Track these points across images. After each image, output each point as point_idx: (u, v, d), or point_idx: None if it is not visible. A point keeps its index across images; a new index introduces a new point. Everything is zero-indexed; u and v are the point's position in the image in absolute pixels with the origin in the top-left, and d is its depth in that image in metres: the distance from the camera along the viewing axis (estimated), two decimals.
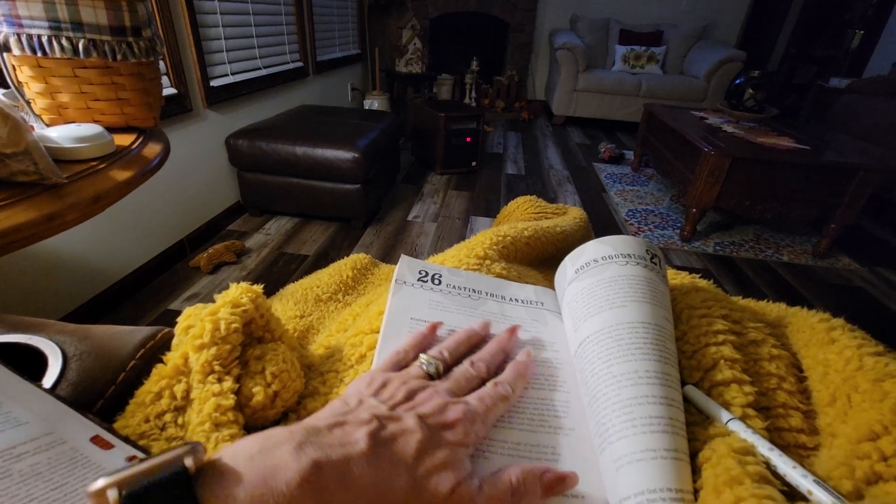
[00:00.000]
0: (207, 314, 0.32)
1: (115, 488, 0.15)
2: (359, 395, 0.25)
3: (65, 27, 0.62)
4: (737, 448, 0.23)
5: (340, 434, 0.20)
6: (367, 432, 0.21)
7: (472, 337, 0.31)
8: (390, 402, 0.24)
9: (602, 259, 0.34)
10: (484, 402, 0.25)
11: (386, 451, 0.20)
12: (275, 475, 0.17)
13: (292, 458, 0.18)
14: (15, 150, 0.48)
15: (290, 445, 0.19)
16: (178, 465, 0.16)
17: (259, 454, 0.18)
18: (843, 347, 0.29)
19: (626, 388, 0.26)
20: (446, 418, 0.23)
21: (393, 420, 0.22)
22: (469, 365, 0.28)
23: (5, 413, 0.21)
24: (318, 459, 0.18)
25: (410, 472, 0.20)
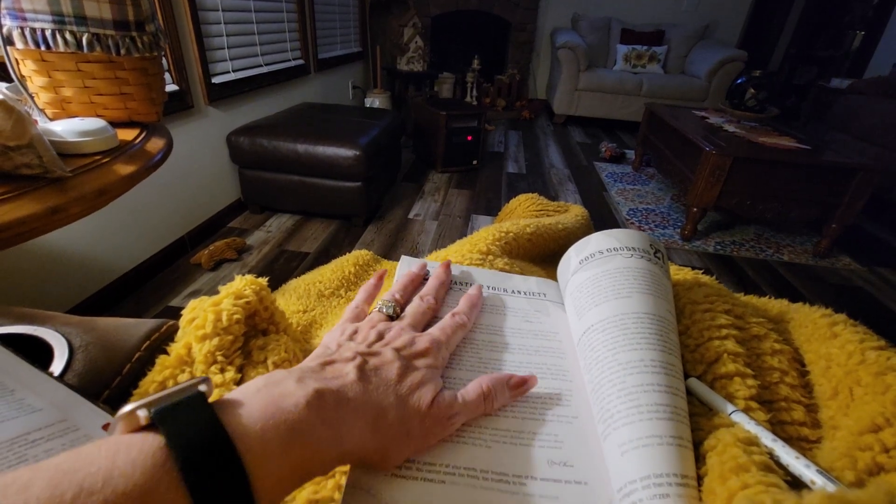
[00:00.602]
0: (210, 305, 0.32)
1: (144, 409, 0.17)
2: (336, 342, 0.27)
3: (68, 21, 0.62)
4: (742, 438, 0.23)
5: (332, 370, 0.23)
6: (354, 366, 0.24)
7: (415, 278, 0.35)
8: (365, 342, 0.27)
9: (607, 251, 0.34)
10: (445, 331, 0.29)
11: (373, 377, 0.24)
12: (283, 400, 0.19)
13: (296, 387, 0.20)
14: (19, 143, 0.48)
15: (292, 379, 0.21)
16: (194, 390, 0.18)
17: (265, 387, 0.20)
18: (845, 342, 0.29)
19: (632, 376, 0.26)
20: (416, 348, 0.27)
21: (373, 355, 0.25)
22: (420, 300, 0.32)
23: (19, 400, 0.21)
24: (319, 387, 0.21)
25: (395, 391, 0.24)
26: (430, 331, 0.29)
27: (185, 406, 0.17)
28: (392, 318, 0.31)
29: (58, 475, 0.14)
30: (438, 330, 0.29)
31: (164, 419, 0.16)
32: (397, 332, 0.29)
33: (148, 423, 0.16)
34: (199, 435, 0.16)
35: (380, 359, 0.25)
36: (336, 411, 0.21)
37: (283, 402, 0.19)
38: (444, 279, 0.35)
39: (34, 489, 0.13)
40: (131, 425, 0.17)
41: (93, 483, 0.14)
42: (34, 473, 0.14)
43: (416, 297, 0.33)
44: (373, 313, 0.31)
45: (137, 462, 0.15)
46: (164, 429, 0.16)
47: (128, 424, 0.17)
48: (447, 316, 0.31)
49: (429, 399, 0.24)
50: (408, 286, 0.34)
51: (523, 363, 0.31)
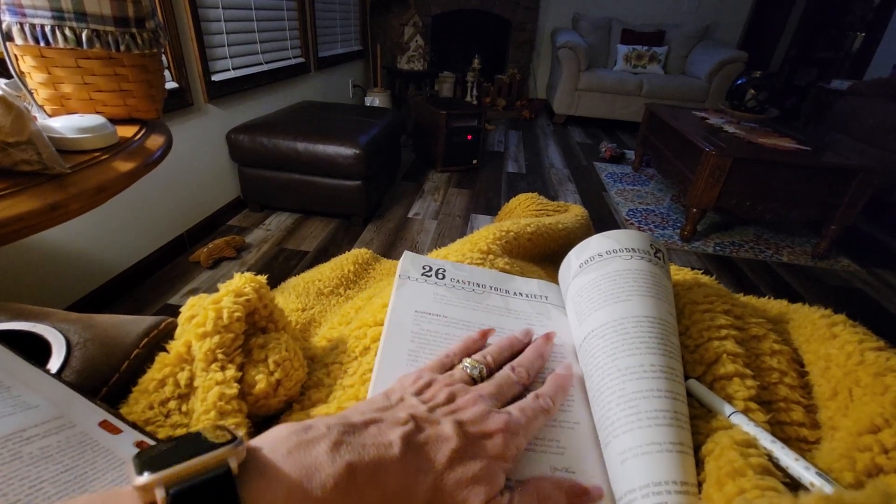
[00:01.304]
0: (210, 303, 0.32)
1: (162, 486, 0.15)
2: (401, 392, 0.25)
3: (68, 17, 0.62)
4: (739, 441, 0.23)
5: (375, 433, 0.20)
6: (401, 434, 0.21)
7: (515, 343, 0.31)
8: (431, 402, 0.24)
9: (607, 253, 0.34)
10: (525, 413, 0.25)
11: (418, 456, 0.20)
12: (311, 476, 0.18)
13: (328, 459, 0.18)
14: (18, 140, 0.48)
15: (327, 444, 0.19)
16: (224, 467, 0.16)
17: (297, 450, 0.18)
18: (844, 342, 0.29)
19: (631, 382, 0.26)
20: (487, 427, 0.23)
21: (430, 423, 0.22)
22: (510, 370, 0.28)
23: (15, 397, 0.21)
24: (352, 462, 0.19)
25: (436, 480, 0.20)
26: (510, 408, 0.25)
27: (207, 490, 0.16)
28: (476, 382, 0.27)
29: None
30: (518, 410, 0.25)
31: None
32: (472, 398, 0.24)
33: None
34: None
35: (435, 430, 0.21)
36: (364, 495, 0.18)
37: (311, 482, 0.18)
38: (545, 353, 0.31)
39: None
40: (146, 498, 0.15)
41: None
42: None
43: (507, 367, 0.28)
44: (456, 369, 0.28)
45: None
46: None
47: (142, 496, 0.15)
48: (530, 396, 0.26)
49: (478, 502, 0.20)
50: (505, 350, 0.30)
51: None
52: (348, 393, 0.30)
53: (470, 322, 0.34)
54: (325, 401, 0.31)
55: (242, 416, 0.29)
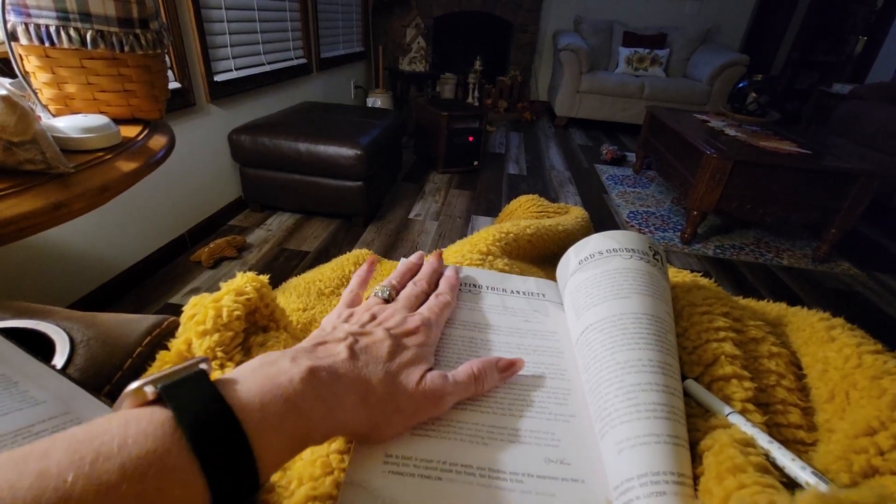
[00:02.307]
0: (211, 301, 0.32)
1: (151, 385, 0.18)
2: (332, 324, 0.29)
3: (73, 18, 0.62)
4: (738, 439, 0.23)
5: (324, 350, 0.24)
6: (346, 345, 0.25)
7: (412, 267, 0.37)
8: (358, 323, 0.28)
9: (606, 251, 0.34)
10: (432, 310, 0.31)
11: (362, 355, 0.25)
12: (279, 377, 0.21)
13: (291, 365, 0.21)
14: (23, 139, 0.48)
15: (286, 358, 0.22)
16: (196, 368, 0.19)
17: (260, 366, 0.21)
18: (842, 345, 0.29)
19: (630, 375, 0.26)
20: (408, 327, 0.28)
21: (364, 334, 0.27)
22: (413, 285, 0.34)
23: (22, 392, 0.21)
24: (312, 365, 0.22)
25: (385, 368, 0.25)
26: (420, 310, 0.31)
27: (189, 382, 0.18)
28: (387, 302, 0.32)
29: (74, 443, 0.15)
30: (426, 309, 0.31)
31: (170, 394, 0.17)
32: (390, 312, 0.30)
33: (155, 398, 0.18)
34: (203, 407, 0.18)
35: (370, 338, 0.26)
36: (328, 387, 0.22)
37: (279, 379, 0.20)
38: (437, 266, 0.37)
39: (54, 455, 0.14)
40: (138, 400, 0.18)
41: (109, 449, 0.15)
42: (51, 443, 0.15)
43: (409, 283, 0.34)
44: (369, 297, 0.32)
45: (148, 431, 0.16)
46: (170, 403, 0.17)
47: (135, 400, 0.18)
48: (432, 297, 0.32)
49: (417, 376, 0.25)
50: (405, 274, 0.36)
51: None
52: None
53: (467, 322, 0.34)
54: None
55: None
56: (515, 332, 0.34)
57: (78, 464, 0.14)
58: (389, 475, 0.23)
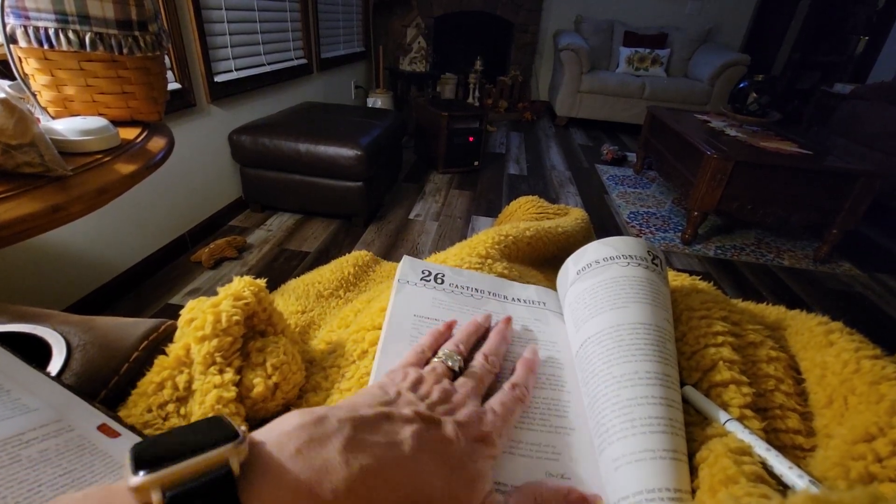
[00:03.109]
0: (209, 306, 0.32)
1: (159, 489, 0.14)
2: (396, 387, 0.25)
3: (72, 20, 0.62)
4: (733, 448, 0.23)
5: (388, 429, 0.20)
6: (412, 433, 0.21)
7: (479, 329, 0.33)
8: (428, 400, 0.24)
9: (604, 260, 0.34)
10: (506, 406, 0.26)
11: (426, 457, 0.21)
12: (321, 481, 0.17)
13: (341, 461, 0.17)
14: (21, 142, 0.48)
15: (339, 442, 0.18)
16: (224, 468, 0.15)
17: (307, 448, 0.17)
18: (840, 350, 0.29)
19: (626, 389, 0.26)
20: (481, 430, 0.24)
21: (435, 424, 0.22)
22: (484, 360, 0.30)
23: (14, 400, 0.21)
24: (367, 466, 0.18)
25: (447, 480, 0.21)
26: (494, 406, 0.26)
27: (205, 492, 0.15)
28: (455, 374, 0.29)
29: None
30: (500, 405, 0.26)
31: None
32: (462, 397, 0.26)
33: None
34: None
35: (440, 433, 0.22)
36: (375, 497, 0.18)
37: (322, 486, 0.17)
38: (507, 335, 0.33)
39: None
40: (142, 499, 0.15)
41: None
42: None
43: (479, 355, 0.30)
44: (436, 362, 0.29)
45: None
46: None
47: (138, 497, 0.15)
48: (507, 387, 0.28)
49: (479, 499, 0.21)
50: (472, 336, 0.32)
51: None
52: (345, 397, 0.30)
53: None
54: (323, 404, 0.31)
55: (240, 420, 0.29)
56: (517, 340, 0.33)
57: None
58: None
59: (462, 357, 0.30)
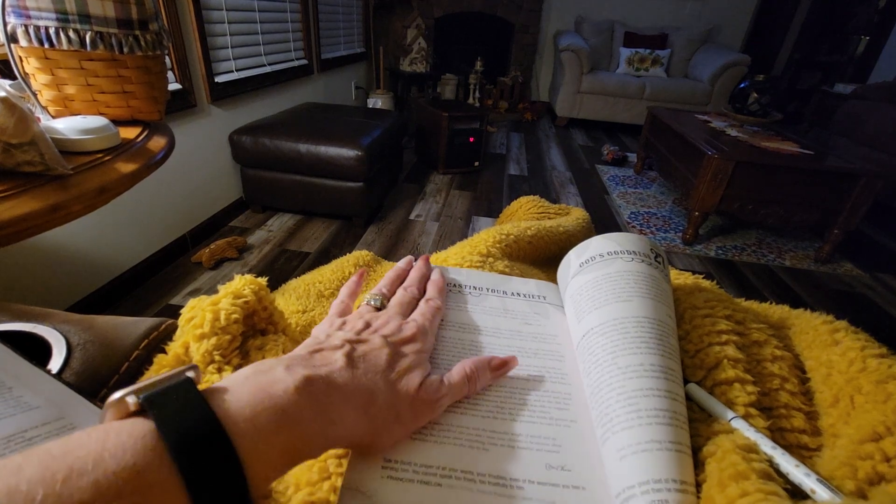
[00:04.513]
0: (208, 304, 0.32)
1: (133, 395, 0.17)
2: (325, 332, 0.28)
3: (72, 19, 0.62)
4: (741, 445, 0.23)
5: (320, 357, 0.23)
6: (343, 353, 0.24)
7: (401, 273, 0.37)
8: (353, 331, 0.28)
9: (608, 254, 0.34)
10: (425, 316, 0.31)
11: (361, 364, 0.24)
12: (272, 386, 0.20)
13: (285, 374, 0.20)
14: (21, 141, 0.48)
15: (281, 367, 0.21)
16: (182, 376, 0.18)
17: (253, 374, 0.20)
18: (846, 349, 0.29)
19: (632, 380, 0.26)
20: (404, 335, 0.28)
21: (362, 342, 0.26)
22: (403, 290, 0.34)
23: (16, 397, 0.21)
24: (308, 374, 0.21)
25: (384, 376, 0.24)
26: (414, 316, 0.30)
27: (173, 391, 0.17)
28: (379, 310, 0.32)
29: (48, 458, 0.14)
30: (419, 315, 0.31)
31: (153, 404, 0.16)
32: (384, 319, 0.29)
33: (137, 409, 0.17)
34: (189, 419, 0.16)
35: (368, 345, 0.26)
36: (325, 396, 0.21)
37: (273, 388, 0.19)
38: (425, 271, 0.37)
39: (26, 471, 0.14)
40: (121, 412, 0.17)
41: (83, 465, 0.14)
42: (25, 458, 0.14)
43: (399, 289, 0.34)
44: (361, 306, 0.32)
45: (127, 445, 0.15)
46: (153, 413, 0.16)
47: (117, 411, 0.17)
48: (422, 302, 0.32)
49: (417, 383, 0.25)
50: (394, 281, 0.35)
51: (521, 366, 0.30)
52: None
53: (467, 325, 0.34)
54: None
55: None
56: (516, 334, 0.33)
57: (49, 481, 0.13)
58: (388, 480, 0.23)
59: (384, 297, 0.33)
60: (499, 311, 0.35)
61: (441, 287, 0.35)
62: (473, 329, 0.33)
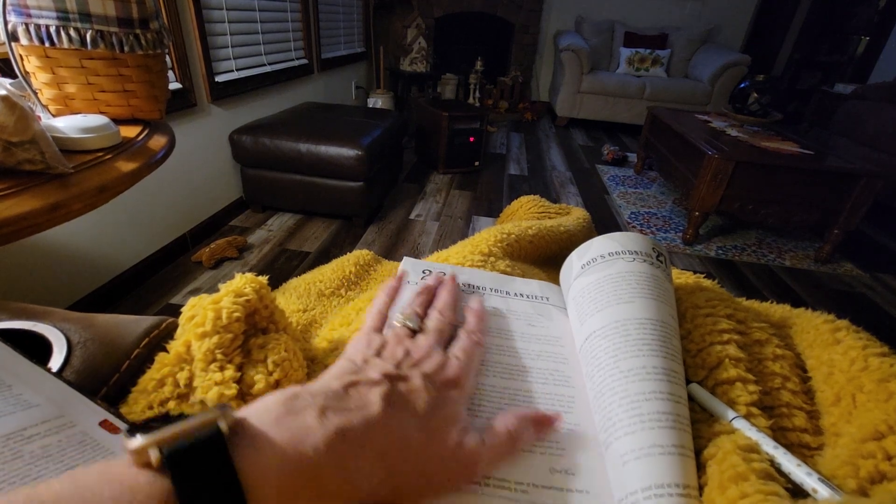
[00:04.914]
0: (210, 302, 0.32)
1: (156, 447, 0.16)
2: (362, 355, 0.26)
3: (73, 18, 0.62)
4: (742, 445, 0.23)
5: (357, 396, 0.22)
6: (381, 394, 0.22)
7: (430, 290, 0.35)
8: (393, 360, 0.26)
9: (609, 255, 0.34)
10: (468, 353, 0.28)
11: (399, 412, 0.22)
12: (303, 440, 0.18)
13: (317, 424, 0.19)
14: (22, 139, 0.48)
15: (314, 410, 0.20)
16: (214, 428, 0.17)
17: (286, 416, 0.19)
18: (847, 348, 0.29)
19: (634, 384, 0.26)
20: (447, 375, 0.26)
21: (402, 379, 0.24)
22: (439, 314, 0.31)
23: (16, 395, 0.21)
24: (341, 426, 0.19)
25: (421, 426, 0.22)
26: (455, 352, 0.28)
27: (199, 450, 0.16)
28: (415, 333, 0.30)
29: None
30: (462, 352, 0.28)
31: (176, 464, 0.15)
32: (425, 350, 0.27)
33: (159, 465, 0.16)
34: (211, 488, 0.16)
35: (408, 385, 0.24)
36: (354, 455, 0.19)
37: (302, 444, 0.18)
38: (454, 290, 0.35)
39: None
40: (141, 461, 0.16)
41: None
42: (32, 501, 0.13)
43: (434, 312, 0.32)
44: (397, 327, 0.30)
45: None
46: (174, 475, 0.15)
47: (137, 458, 0.16)
48: (462, 334, 0.30)
49: (455, 440, 0.23)
50: (425, 300, 0.33)
51: (525, 368, 0.30)
52: None
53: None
54: None
55: None
56: (520, 336, 0.33)
57: None
58: None
59: (419, 317, 0.31)
60: (501, 312, 0.35)
61: (483, 318, 0.32)
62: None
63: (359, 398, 0.22)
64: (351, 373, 0.24)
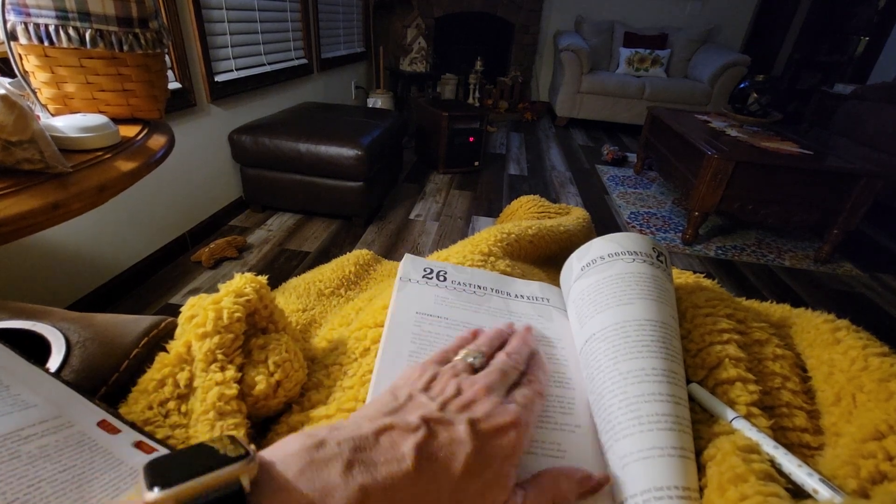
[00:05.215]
0: (210, 303, 0.32)
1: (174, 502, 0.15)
2: (409, 389, 0.24)
3: (72, 17, 0.62)
4: (741, 446, 0.23)
5: (388, 446, 0.20)
6: (414, 444, 0.20)
7: (503, 334, 0.32)
8: (440, 398, 0.23)
9: (609, 256, 0.34)
10: (528, 400, 0.25)
11: (432, 468, 0.20)
12: (324, 499, 0.17)
13: (341, 482, 0.18)
14: (21, 139, 0.48)
15: (339, 464, 0.18)
16: (236, 485, 0.16)
17: (309, 469, 0.18)
18: (848, 348, 0.29)
19: (633, 386, 0.26)
20: (499, 422, 0.22)
21: (443, 425, 0.21)
22: (506, 356, 0.28)
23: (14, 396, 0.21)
24: (366, 484, 0.18)
25: (456, 491, 0.20)
26: (515, 397, 0.25)
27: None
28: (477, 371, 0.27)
29: None
30: (522, 397, 0.25)
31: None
32: (481, 390, 0.24)
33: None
34: None
35: (448, 433, 0.21)
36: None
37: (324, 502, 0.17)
38: (528, 340, 0.31)
39: None
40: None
41: None
42: None
43: (502, 353, 0.28)
44: (456, 360, 0.28)
45: None
46: None
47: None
48: (524, 381, 0.27)
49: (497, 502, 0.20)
50: (494, 340, 0.31)
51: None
52: (348, 395, 0.30)
53: (471, 324, 0.34)
54: (325, 402, 0.31)
55: (242, 417, 0.28)
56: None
57: None
58: None
59: (485, 357, 0.28)
60: (503, 313, 0.35)
61: (546, 370, 0.29)
62: None
63: (390, 448, 0.20)
64: (388, 413, 0.22)
